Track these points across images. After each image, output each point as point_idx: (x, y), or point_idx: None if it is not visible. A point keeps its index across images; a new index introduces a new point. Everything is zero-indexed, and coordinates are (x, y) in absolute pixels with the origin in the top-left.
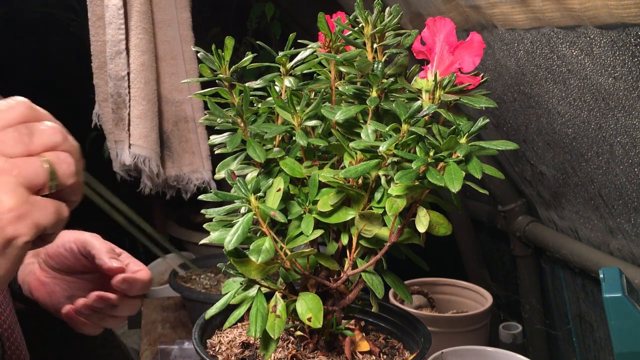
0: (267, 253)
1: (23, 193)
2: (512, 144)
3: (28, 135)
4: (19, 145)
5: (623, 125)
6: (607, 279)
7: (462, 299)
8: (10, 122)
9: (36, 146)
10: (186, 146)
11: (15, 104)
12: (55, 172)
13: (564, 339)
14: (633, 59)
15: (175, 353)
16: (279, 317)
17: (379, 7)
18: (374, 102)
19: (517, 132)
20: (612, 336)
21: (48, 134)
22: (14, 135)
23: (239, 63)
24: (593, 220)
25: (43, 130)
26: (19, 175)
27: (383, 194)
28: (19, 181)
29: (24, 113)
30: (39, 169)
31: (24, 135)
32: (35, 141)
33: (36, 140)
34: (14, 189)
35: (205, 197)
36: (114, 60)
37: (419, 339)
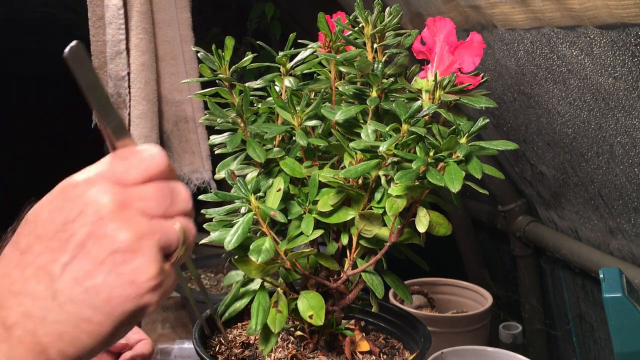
0: (267, 253)
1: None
2: (512, 144)
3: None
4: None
5: (623, 125)
6: (607, 279)
7: (462, 299)
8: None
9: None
10: (186, 146)
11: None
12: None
13: (564, 339)
14: (633, 59)
15: (175, 353)
16: (280, 312)
17: (379, 7)
18: (374, 102)
19: (517, 132)
20: (612, 336)
21: (185, 199)
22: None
23: (239, 63)
24: (593, 220)
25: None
26: (160, 240)
27: (383, 194)
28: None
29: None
30: (175, 236)
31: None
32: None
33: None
34: (155, 255)
35: (205, 197)
36: (114, 60)
37: (419, 339)
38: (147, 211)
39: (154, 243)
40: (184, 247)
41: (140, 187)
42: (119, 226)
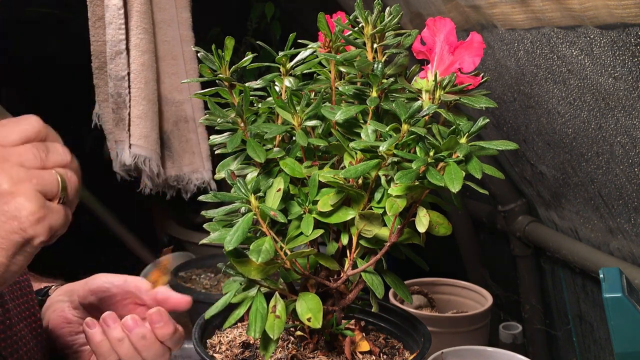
0: (267, 253)
1: (41, 199)
2: (512, 144)
3: (44, 151)
4: (37, 160)
5: (623, 125)
6: (607, 279)
7: (462, 299)
8: (27, 137)
9: (50, 162)
10: (186, 146)
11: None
12: (65, 185)
13: (564, 339)
14: (633, 59)
15: (175, 353)
16: (279, 318)
17: (379, 7)
18: (374, 102)
19: (517, 132)
20: (612, 336)
21: (60, 153)
22: (33, 150)
23: (239, 63)
24: (593, 220)
25: (56, 149)
26: (37, 184)
27: (383, 194)
28: (37, 188)
29: (39, 130)
30: (53, 181)
31: (41, 151)
32: (50, 157)
33: (51, 157)
34: (34, 195)
35: (205, 197)
36: (114, 60)
37: (419, 339)
38: (25, 163)
39: (32, 186)
40: (65, 191)
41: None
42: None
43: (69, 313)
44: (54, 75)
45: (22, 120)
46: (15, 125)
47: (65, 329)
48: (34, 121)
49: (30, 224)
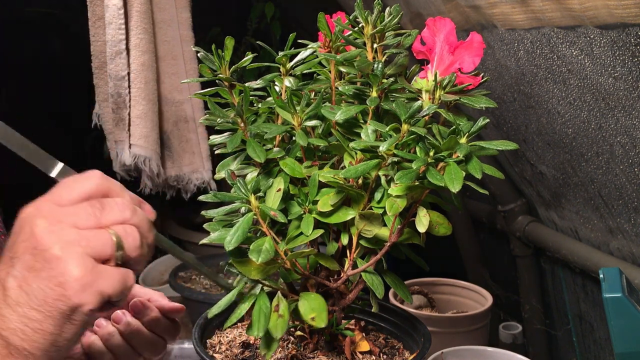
0: (267, 253)
1: (89, 263)
2: (512, 144)
3: (100, 209)
4: (91, 219)
5: (623, 125)
6: (607, 279)
7: (462, 299)
8: (85, 195)
9: (106, 220)
10: (186, 146)
11: (91, 177)
12: (122, 244)
13: (564, 339)
14: (633, 59)
15: (175, 353)
16: (282, 317)
17: (379, 7)
18: (374, 102)
19: (517, 132)
20: (612, 336)
21: (119, 210)
22: (87, 209)
23: (239, 63)
24: (593, 220)
25: (114, 205)
26: (87, 247)
27: (383, 194)
28: (87, 252)
29: (98, 185)
30: (106, 241)
31: (97, 209)
32: (106, 215)
33: (107, 215)
34: (81, 259)
35: (205, 197)
36: (114, 60)
37: (419, 339)
38: (78, 224)
39: (81, 249)
40: (121, 251)
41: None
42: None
43: None
44: (54, 75)
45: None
46: (75, 184)
47: None
48: (94, 176)
49: (75, 292)
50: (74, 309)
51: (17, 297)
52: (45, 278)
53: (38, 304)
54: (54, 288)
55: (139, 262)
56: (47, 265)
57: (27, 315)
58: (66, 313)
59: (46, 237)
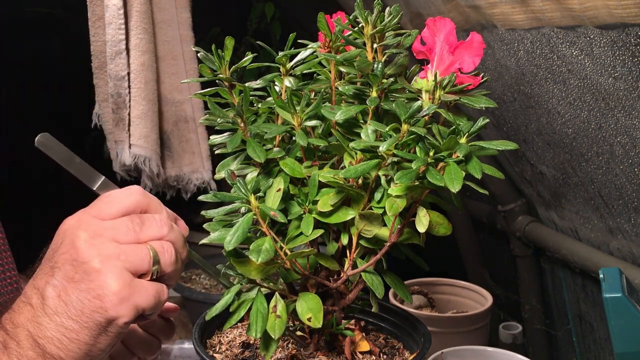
0: (267, 253)
1: (127, 277)
2: (512, 144)
3: (140, 224)
4: (130, 234)
5: (623, 125)
6: (607, 279)
7: (462, 299)
8: (125, 210)
9: (145, 236)
10: (186, 146)
11: (134, 192)
12: (159, 260)
13: (564, 339)
14: (633, 59)
15: (175, 353)
16: (280, 318)
17: (379, 7)
18: (374, 102)
19: (517, 132)
20: (612, 336)
21: (157, 226)
22: (127, 224)
23: (239, 63)
24: (593, 220)
25: (153, 221)
26: (126, 261)
27: (383, 194)
28: (125, 266)
29: (138, 201)
30: (144, 257)
31: (136, 224)
32: (145, 231)
33: (146, 231)
34: (119, 273)
35: (205, 197)
36: (114, 60)
37: (419, 339)
38: (117, 238)
39: (120, 263)
40: (158, 266)
41: (114, 220)
42: (90, 251)
43: None
44: (54, 75)
45: (124, 192)
46: (116, 198)
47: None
48: (134, 192)
49: (113, 304)
50: (110, 321)
51: (56, 307)
52: (84, 290)
53: (76, 314)
54: (93, 300)
55: (173, 277)
56: (86, 277)
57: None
58: (102, 325)
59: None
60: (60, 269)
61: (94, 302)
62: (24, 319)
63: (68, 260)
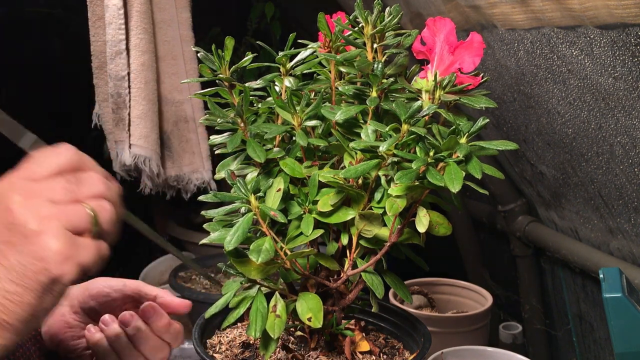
0: (267, 253)
1: (68, 236)
2: (512, 144)
3: (75, 183)
4: (67, 193)
5: (623, 125)
6: (607, 279)
7: (462, 299)
8: (58, 169)
9: (82, 194)
10: (186, 146)
11: (63, 152)
12: (98, 218)
13: (564, 339)
14: (633, 59)
15: (175, 353)
16: (279, 317)
17: (379, 7)
18: (374, 102)
19: (517, 132)
20: (612, 336)
21: (93, 184)
22: (63, 184)
23: (239, 63)
24: (593, 220)
25: (88, 179)
26: (65, 220)
27: (383, 194)
28: (65, 225)
29: (71, 160)
30: (83, 215)
31: (72, 183)
32: (82, 190)
33: (82, 189)
34: (60, 233)
35: (205, 197)
36: (114, 60)
37: (419, 339)
38: (54, 198)
39: (58, 223)
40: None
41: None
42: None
43: (70, 317)
44: (54, 75)
45: (54, 152)
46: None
47: (67, 334)
48: (66, 151)
49: (56, 264)
50: (54, 281)
51: None
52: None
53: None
54: (35, 262)
55: (111, 235)
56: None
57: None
58: (47, 285)
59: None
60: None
61: (37, 264)
62: None
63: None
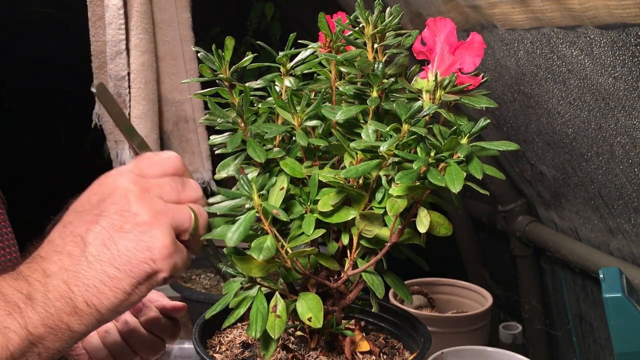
0: (269, 251)
1: (173, 234)
2: (513, 145)
3: (181, 185)
4: (174, 193)
5: (623, 125)
6: (607, 279)
7: (462, 299)
8: (167, 171)
9: (185, 197)
10: (186, 146)
11: (173, 157)
12: (198, 221)
13: (564, 339)
14: (633, 59)
15: (175, 353)
16: (279, 317)
17: (379, 7)
18: (374, 102)
19: (517, 132)
20: (612, 336)
21: (194, 189)
22: (172, 184)
23: (239, 63)
24: (593, 220)
25: (191, 184)
26: (173, 219)
27: (384, 194)
28: (172, 223)
29: (178, 166)
30: (187, 216)
31: (179, 184)
32: (186, 192)
33: (186, 192)
34: (168, 230)
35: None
36: (114, 61)
37: (419, 339)
38: (163, 196)
39: (168, 219)
40: (195, 227)
41: (158, 179)
42: (141, 205)
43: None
44: (54, 75)
45: (164, 156)
46: (158, 159)
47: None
48: (175, 157)
49: (161, 257)
50: (154, 273)
51: (99, 253)
52: (134, 240)
53: (121, 262)
54: (143, 251)
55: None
56: (137, 229)
57: (107, 272)
58: (147, 275)
59: (138, 203)
60: (106, 217)
61: (144, 253)
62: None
63: (118, 211)
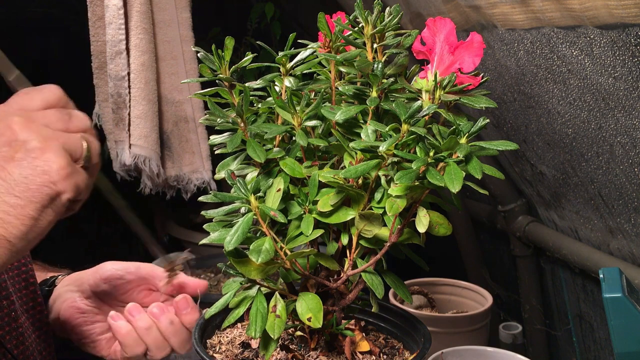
0: (267, 253)
1: (68, 157)
2: (512, 145)
3: (68, 116)
4: (61, 123)
5: (623, 125)
6: (607, 279)
7: (462, 299)
8: (50, 103)
9: (74, 126)
10: (186, 146)
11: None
12: (90, 148)
13: (564, 339)
14: (633, 59)
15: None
16: (279, 317)
17: (379, 7)
18: (374, 102)
19: (517, 132)
20: (612, 336)
21: (82, 119)
22: (57, 114)
23: (239, 63)
24: (593, 220)
25: (78, 114)
26: (64, 143)
27: (383, 194)
28: (64, 147)
29: (59, 96)
30: (78, 143)
31: (65, 115)
32: (74, 122)
33: (74, 122)
34: (61, 152)
35: (205, 198)
36: (114, 61)
37: (419, 339)
38: (50, 125)
39: (59, 144)
40: (88, 154)
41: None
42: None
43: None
44: (54, 75)
45: (44, 89)
46: (38, 93)
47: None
48: (55, 89)
49: (60, 178)
50: (57, 195)
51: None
52: (28, 167)
53: (20, 190)
54: (40, 175)
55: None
56: (29, 155)
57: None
58: (50, 197)
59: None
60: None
61: (42, 177)
62: None
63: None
